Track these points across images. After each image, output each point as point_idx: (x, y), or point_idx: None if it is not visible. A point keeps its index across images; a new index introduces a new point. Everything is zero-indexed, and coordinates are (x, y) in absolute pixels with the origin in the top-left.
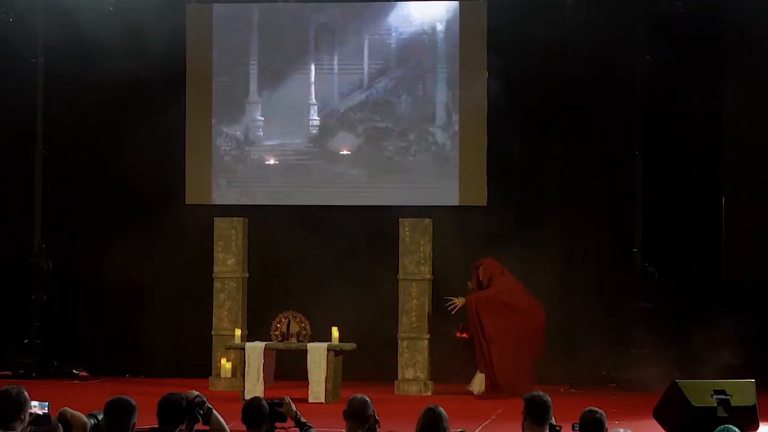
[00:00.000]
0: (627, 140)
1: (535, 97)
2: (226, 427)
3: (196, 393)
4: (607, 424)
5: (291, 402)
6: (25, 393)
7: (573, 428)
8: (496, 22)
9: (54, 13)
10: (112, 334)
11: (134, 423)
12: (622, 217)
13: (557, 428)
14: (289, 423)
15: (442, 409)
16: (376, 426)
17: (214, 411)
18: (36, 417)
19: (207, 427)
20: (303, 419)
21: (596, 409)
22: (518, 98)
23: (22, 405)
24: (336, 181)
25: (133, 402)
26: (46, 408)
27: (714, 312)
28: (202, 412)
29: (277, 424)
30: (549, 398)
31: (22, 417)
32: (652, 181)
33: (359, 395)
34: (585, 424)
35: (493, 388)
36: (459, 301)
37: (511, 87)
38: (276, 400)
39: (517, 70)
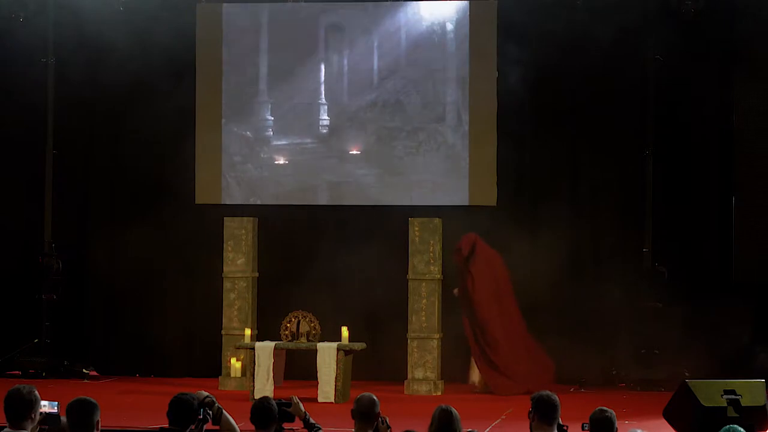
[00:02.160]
0: (637, 140)
1: (546, 96)
2: (236, 427)
3: (206, 393)
4: (618, 424)
5: (299, 402)
6: (36, 392)
7: (582, 428)
8: (506, 21)
9: (64, 13)
10: (122, 333)
11: (98, 421)
12: (633, 217)
13: (564, 428)
14: (297, 423)
15: (454, 410)
16: (386, 428)
17: (224, 411)
18: (46, 416)
19: (217, 427)
20: (312, 420)
21: (606, 408)
22: (528, 98)
23: (33, 404)
24: (346, 180)
25: (94, 401)
26: (56, 407)
27: (724, 312)
28: (211, 412)
29: (285, 425)
30: (557, 398)
31: (33, 416)
32: (663, 181)
33: (366, 394)
34: (595, 423)
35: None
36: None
37: (522, 87)
38: (284, 400)
39: (527, 70)
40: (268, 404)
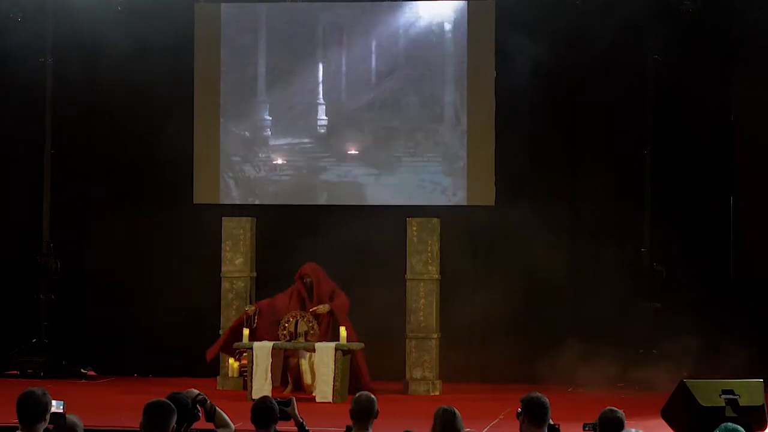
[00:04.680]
0: (636, 139)
1: (544, 96)
2: (230, 422)
3: (197, 391)
4: None
5: (296, 406)
6: (48, 394)
7: (584, 428)
8: (504, 21)
9: (62, 13)
10: (120, 333)
11: (174, 426)
12: (631, 217)
13: (556, 427)
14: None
15: (457, 410)
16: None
17: (216, 408)
18: (52, 415)
19: (204, 425)
20: (307, 428)
21: (616, 408)
22: (526, 98)
23: (47, 406)
24: (344, 180)
25: (173, 405)
26: (62, 407)
27: (722, 312)
28: (204, 409)
29: (279, 424)
30: (547, 399)
31: (46, 417)
32: (661, 181)
33: (364, 393)
34: (605, 423)
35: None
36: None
37: (519, 86)
38: (282, 400)
39: (525, 70)
40: (269, 404)
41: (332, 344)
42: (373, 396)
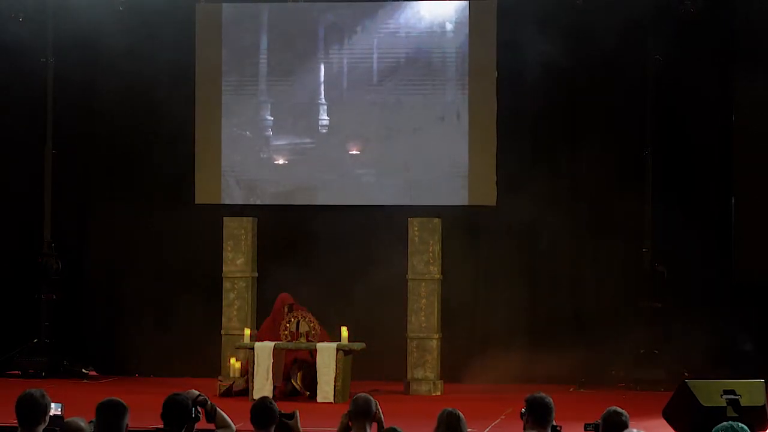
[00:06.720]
0: (637, 140)
1: (545, 96)
2: (232, 423)
3: (197, 392)
4: None
5: (299, 419)
6: (47, 395)
7: (585, 428)
8: (505, 21)
9: (62, 13)
10: (122, 333)
11: (127, 424)
12: (632, 217)
13: (557, 429)
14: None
15: (461, 413)
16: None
17: (217, 408)
18: (51, 418)
19: (212, 426)
20: None
21: (620, 410)
22: (528, 98)
23: (46, 408)
24: (345, 180)
25: (125, 403)
26: (60, 409)
27: (724, 312)
28: (206, 410)
29: None
30: (551, 400)
31: (45, 419)
32: (662, 181)
33: (362, 394)
34: (608, 424)
35: None
36: None
37: (521, 87)
38: (286, 412)
39: (527, 70)
40: (269, 404)
41: (334, 344)
42: (371, 397)
